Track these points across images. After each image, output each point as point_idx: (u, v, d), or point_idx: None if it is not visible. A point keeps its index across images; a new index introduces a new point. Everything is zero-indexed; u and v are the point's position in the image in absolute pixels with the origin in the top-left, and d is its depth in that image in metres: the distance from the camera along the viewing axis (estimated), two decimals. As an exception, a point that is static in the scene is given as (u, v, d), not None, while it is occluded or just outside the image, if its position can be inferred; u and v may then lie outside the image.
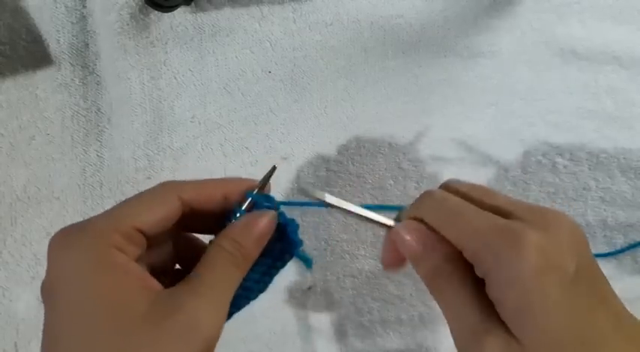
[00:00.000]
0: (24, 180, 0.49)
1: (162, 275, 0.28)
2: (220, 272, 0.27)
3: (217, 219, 0.30)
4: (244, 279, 0.28)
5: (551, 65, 0.55)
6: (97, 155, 0.50)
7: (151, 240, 0.27)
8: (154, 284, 0.26)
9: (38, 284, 0.48)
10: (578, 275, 0.25)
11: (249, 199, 0.29)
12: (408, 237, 0.29)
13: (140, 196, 0.28)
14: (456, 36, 0.55)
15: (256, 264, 0.29)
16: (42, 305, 0.48)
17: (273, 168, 0.31)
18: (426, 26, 0.54)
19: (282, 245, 0.30)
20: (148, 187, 0.50)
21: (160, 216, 0.27)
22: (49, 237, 0.40)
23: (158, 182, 0.28)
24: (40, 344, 0.49)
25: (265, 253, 0.29)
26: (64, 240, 0.25)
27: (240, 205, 0.29)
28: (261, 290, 0.31)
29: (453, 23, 0.55)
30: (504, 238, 0.25)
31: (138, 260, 0.26)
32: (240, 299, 0.30)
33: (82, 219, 0.50)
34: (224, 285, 0.27)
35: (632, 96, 0.56)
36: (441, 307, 0.28)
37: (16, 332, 0.48)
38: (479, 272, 0.26)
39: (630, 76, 0.56)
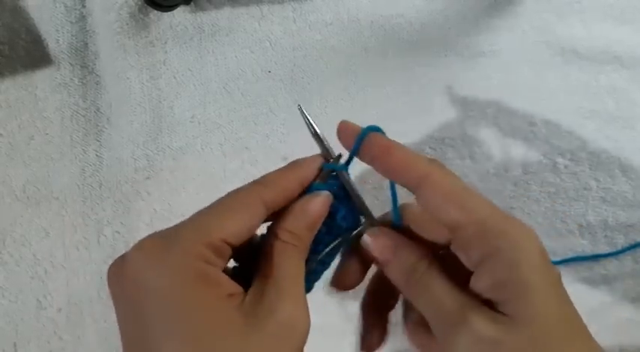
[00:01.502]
0: (23, 180, 0.49)
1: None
2: (292, 267, 0.27)
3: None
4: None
5: (552, 65, 0.55)
6: (97, 155, 0.50)
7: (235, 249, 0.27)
8: (236, 289, 0.26)
9: (37, 284, 0.48)
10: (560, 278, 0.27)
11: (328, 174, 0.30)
12: (379, 241, 0.30)
13: (225, 204, 0.27)
14: (457, 35, 0.54)
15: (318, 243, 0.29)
16: (40, 306, 0.48)
17: (339, 156, 0.31)
18: (427, 26, 0.54)
19: (341, 221, 0.30)
20: (147, 187, 0.50)
21: (247, 226, 0.27)
22: (49, 237, 0.40)
23: (158, 182, 0.27)
24: (39, 344, 0.49)
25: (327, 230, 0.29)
26: (156, 249, 0.25)
27: (320, 184, 0.30)
28: (324, 269, 0.32)
29: (453, 23, 0.54)
30: (511, 223, 0.26)
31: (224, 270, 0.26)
32: (307, 283, 0.30)
33: (81, 219, 0.51)
34: (299, 279, 0.27)
35: (633, 96, 0.56)
36: (418, 303, 0.28)
37: (15, 333, 0.48)
38: (475, 255, 0.26)
39: (631, 75, 0.56)
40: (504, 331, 0.25)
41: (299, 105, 0.31)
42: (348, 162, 0.31)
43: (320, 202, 0.29)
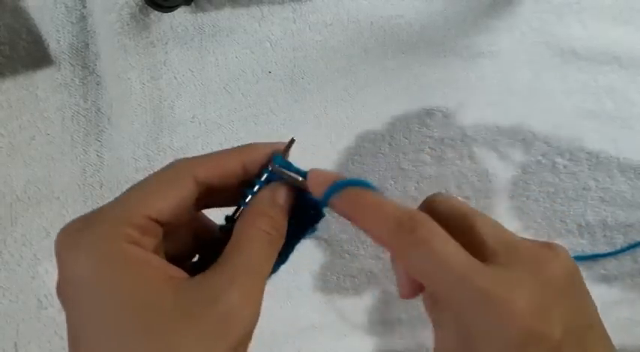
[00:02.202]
0: (24, 180, 0.49)
1: (182, 264, 0.25)
2: (257, 255, 0.24)
3: (237, 190, 0.27)
4: None
5: (551, 65, 0.56)
6: (97, 155, 0.50)
7: (167, 227, 0.25)
8: (178, 272, 0.23)
9: (38, 284, 0.48)
10: (564, 338, 0.22)
11: (275, 166, 0.27)
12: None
13: (150, 180, 0.25)
14: (456, 36, 0.55)
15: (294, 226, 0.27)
16: (41, 305, 0.48)
17: (292, 141, 0.29)
18: (426, 26, 0.54)
19: (303, 213, 0.28)
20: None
21: (174, 201, 0.25)
22: (49, 237, 0.40)
23: None
24: (39, 344, 0.49)
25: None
26: (73, 238, 0.23)
27: (265, 173, 0.27)
28: (283, 261, 0.29)
29: (452, 23, 0.55)
30: (488, 304, 0.22)
31: (155, 251, 0.24)
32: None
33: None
34: (261, 268, 0.24)
35: (632, 97, 0.56)
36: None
37: (16, 332, 0.48)
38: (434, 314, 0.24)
39: (630, 76, 0.56)
40: None
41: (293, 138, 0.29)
42: (316, 216, 0.28)
43: (284, 188, 0.27)
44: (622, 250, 0.54)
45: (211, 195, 0.27)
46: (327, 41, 0.53)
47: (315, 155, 0.52)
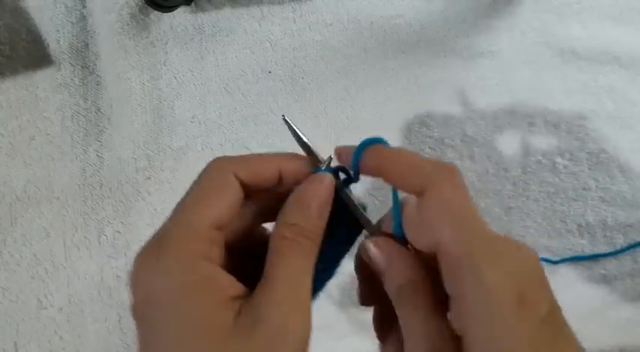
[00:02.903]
0: (24, 180, 0.49)
1: (245, 276, 0.26)
2: (289, 268, 0.25)
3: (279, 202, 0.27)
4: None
5: (551, 65, 0.56)
6: (97, 155, 0.50)
7: (228, 236, 0.26)
8: (240, 290, 0.24)
9: (38, 284, 0.48)
10: (547, 317, 0.23)
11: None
12: (374, 251, 0.27)
13: (200, 188, 0.26)
14: (456, 36, 0.55)
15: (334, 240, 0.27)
16: (41, 305, 0.48)
17: (330, 158, 0.29)
18: (426, 26, 0.54)
19: (344, 224, 0.28)
20: (148, 187, 0.50)
21: (228, 203, 0.25)
22: (49, 237, 0.40)
23: (158, 182, 0.27)
24: (39, 344, 0.49)
25: (328, 234, 0.26)
26: (149, 261, 0.24)
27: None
28: (328, 277, 0.29)
29: (452, 23, 0.55)
30: (491, 257, 0.23)
31: (222, 261, 0.25)
32: (317, 281, 0.27)
33: (82, 219, 0.51)
34: (298, 280, 0.25)
35: (632, 97, 0.56)
36: (401, 324, 0.26)
37: (16, 332, 0.48)
38: (449, 290, 0.24)
39: (630, 76, 0.56)
40: None
41: (283, 115, 0.29)
42: (349, 180, 0.28)
43: (322, 181, 0.27)
44: (622, 250, 0.54)
45: (257, 204, 0.27)
46: (327, 41, 0.53)
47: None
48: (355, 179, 0.28)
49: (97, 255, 0.49)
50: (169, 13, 0.51)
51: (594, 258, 0.54)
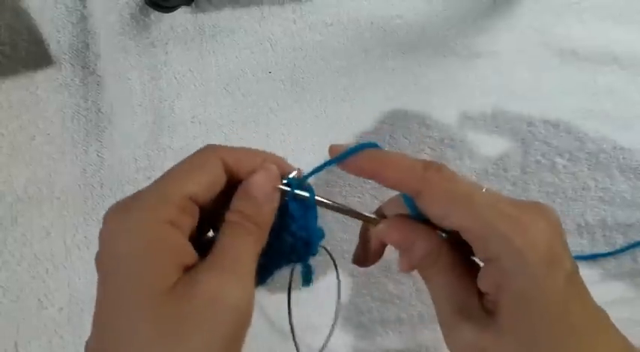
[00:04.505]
0: (24, 179, 0.49)
1: None
2: (233, 245, 0.27)
3: None
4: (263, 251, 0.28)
5: (551, 65, 0.56)
6: (98, 155, 0.50)
7: (204, 211, 0.28)
8: (194, 260, 0.26)
9: (38, 284, 0.48)
10: (571, 274, 0.26)
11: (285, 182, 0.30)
12: (396, 231, 0.30)
13: (184, 163, 0.28)
14: (456, 36, 0.55)
15: (278, 241, 0.30)
16: (41, 305, 0.48)
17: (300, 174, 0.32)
18: (426, 26, 0.55)
19: (297, 227, 0.31)
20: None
21: (207, 180, 0.27)
22: (50, 237, 0.41)
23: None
24: (39, 344, 0.49)
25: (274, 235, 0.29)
26: (120, 215, 0.26)
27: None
28: (262, 281, 0.31)
29: (452, 23, 0.55)
30: (515, 225, 0.25)
31: (192, 229, 0.27)
32: (262, 270, 0.29)
33: (82, 219, 0.51)
34: (240, 256, 0.26)
35: (632, 97, 0.56)
36: (427, 285, 0.29)
37: (16, 332, 0.48)
38: (480, 255, 0.27)
39: (629, 76, 0.56)
40: (491, 341, 0.25)
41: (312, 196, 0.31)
42: (318, 170, 0.31)
43: (264, 176, 0.29)
44: (621, 250, 0.54)
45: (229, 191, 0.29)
46: (327, 41, 0.53)
47: (315, 155, 0.52)
48: (311, 195, 0.31)
49: (97, 254, 0.49)
50: (170, 14, 0.51)
51: (594, 257, 0.54)
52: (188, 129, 0.51)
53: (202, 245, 0.29)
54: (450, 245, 0.29)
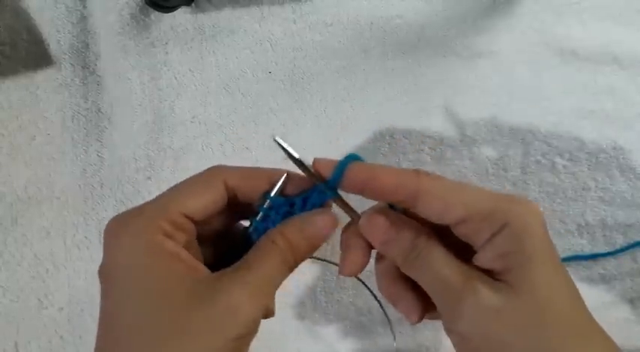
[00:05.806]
0: (24, 180, 0.49)
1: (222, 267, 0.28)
2: (267, 265, 0.27)
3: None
4: None
5: (551, 65, 0.56)
6: (98, 155, 0.50)
7: (204, 228, 0.28)
8: (200, 268, 0.26)
9: (38, 284, 0.48)
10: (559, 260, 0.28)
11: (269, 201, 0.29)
12: (379, 221, 0.29)
13: (187, 182, 0.28)
14: (456, 36, 0.55)
15: None
16: (41, 305, 0.48)
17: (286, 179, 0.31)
18: (426, 27, 0.55)
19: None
20: (148, 187, 0.50)
21: (205, 201, 0.28)
22: (50, 237, 0.41)
23: (159, 182, 0.28)
24: (39, 344, 0.49)
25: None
26: (118, 228, 0.27)
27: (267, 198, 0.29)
28: None
29: (452, 24, 0.55)
30: (513, 200, 0.27)
31: (188, 246, 0.27)
32: None
33: (82, 219, 0.51)
34: (269, 278, 0.27)
35: (632, 97, 0.56)
36: (420, 278, 0.29)
37: (16, 332, 0.48)
38: (485, 234, 0.27)
39: (630, 76, 0.56)
40: (506, 299, 0.26)
41: (274, 138, 0.30)
42: (327, 192, 0.30)
43: (328, 223, 0.29)
44: (621, 250, 0.54)
45: (244, 206, 0.30)
46: (327, 41, 0.53)
47: (315, 155, 0.52)
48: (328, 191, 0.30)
49: (97, 254, 0.49)
50: (170, 14, 0.51)
51: (594, 257, 0.54)
52: (188, 129, 0.51)
53: (231, 236, 0.30)
54: (433, 232, 0.29)
